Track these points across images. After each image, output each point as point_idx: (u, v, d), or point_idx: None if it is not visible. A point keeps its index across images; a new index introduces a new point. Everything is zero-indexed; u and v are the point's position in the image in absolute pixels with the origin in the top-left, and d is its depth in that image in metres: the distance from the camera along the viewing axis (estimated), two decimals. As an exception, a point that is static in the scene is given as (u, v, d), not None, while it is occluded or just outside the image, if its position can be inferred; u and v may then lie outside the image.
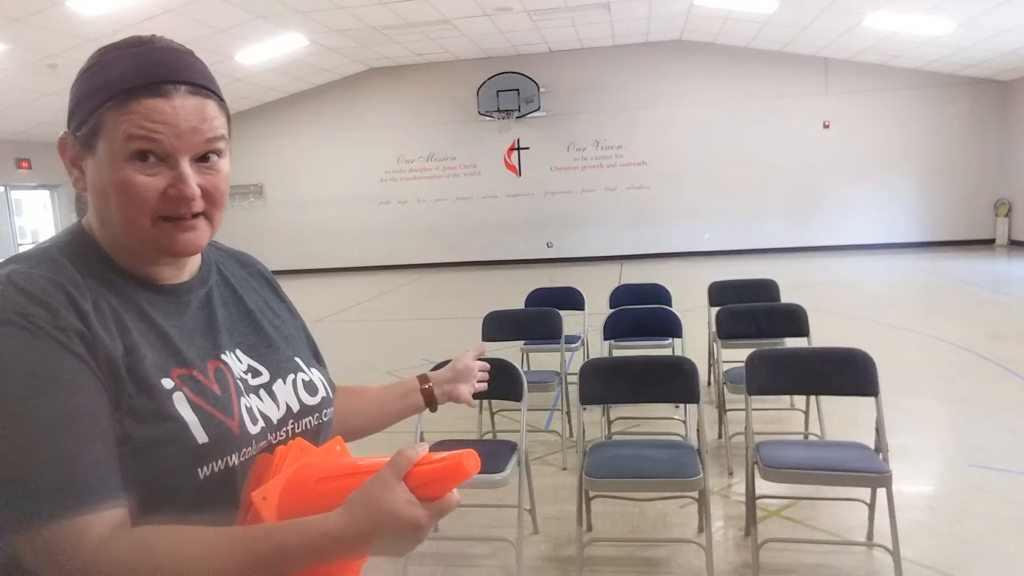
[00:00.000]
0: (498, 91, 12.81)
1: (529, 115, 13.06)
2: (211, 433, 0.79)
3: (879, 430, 2.61)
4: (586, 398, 2.78)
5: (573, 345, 4.43)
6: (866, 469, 2.46)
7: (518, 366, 2.90)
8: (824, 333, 4.33)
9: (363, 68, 13.37)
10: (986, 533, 2.83)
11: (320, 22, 9.93)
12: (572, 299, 4.76)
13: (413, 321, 8.64)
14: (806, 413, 3.82)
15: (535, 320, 4.19)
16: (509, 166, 13.63)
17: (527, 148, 13.52)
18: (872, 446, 2.64)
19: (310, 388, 0.95)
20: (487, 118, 13.15)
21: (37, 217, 13.40)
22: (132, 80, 0.78)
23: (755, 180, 12.79)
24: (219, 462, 0.79)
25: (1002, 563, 2.62)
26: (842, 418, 3.95)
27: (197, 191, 0.81)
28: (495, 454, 2.72)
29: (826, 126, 12.52)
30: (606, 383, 2.83)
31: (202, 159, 0.82)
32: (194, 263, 0.94)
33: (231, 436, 0.81)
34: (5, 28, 7.83)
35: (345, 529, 0.71)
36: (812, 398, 3.71)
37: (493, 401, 3.99)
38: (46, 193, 13.34)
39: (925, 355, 5.55)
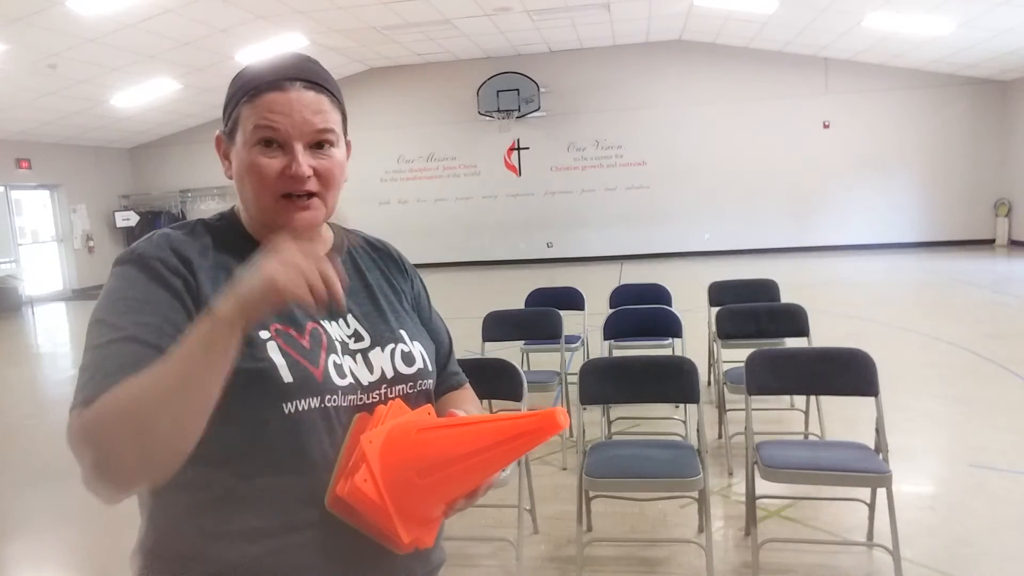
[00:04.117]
0: (498, 91, 12.80)
1: (529, 115, 13.05)
2: (296, 376, 0.92)
3: (879, 430, 2.61)
4: (586, 398, 2.78)
5: (573, 345, 4.43)
6: (866, 469, 2.46)
7: (518, 366, 2.90)
8: (824, 333, 4.33)
9: (363, 68, 13.37)
10: (986, 533, 2.83)
11: (320, 22, 9.93)
12: (572, 299, 4.75)
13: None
14: (806, 413, 3.82)
15: (535, 320, 4.19)
16: (509, 166, 13.63)
17: (527, 148, 13.52)
18: (872, 446, 2.64)
19: (407, 359, 1.06)
20: (487, 118, 13.15)
21: (37, 217, 13.39)
22: (259, 80, 0.98)
23: (755, 180, 12.78)
24: (303, 402, 0.93)
25: (1002, 563, 2.62)
26: (842, 418, 3.95)
27: (308, 171, 0.97)
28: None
29: (826, 126, 12.51)
30: (606, 383, 2.83)
31: (316, 146, 0.99)
32: (324, 245, 1.10)
33: (313, 381, 0.94)
34: (5, 28, 7.83)
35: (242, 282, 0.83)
36: (812, 398, 3.71)
37: (493, 401, 3.99)
38: (46, 193, 13.33)
39: (925, 355, 5.55)
